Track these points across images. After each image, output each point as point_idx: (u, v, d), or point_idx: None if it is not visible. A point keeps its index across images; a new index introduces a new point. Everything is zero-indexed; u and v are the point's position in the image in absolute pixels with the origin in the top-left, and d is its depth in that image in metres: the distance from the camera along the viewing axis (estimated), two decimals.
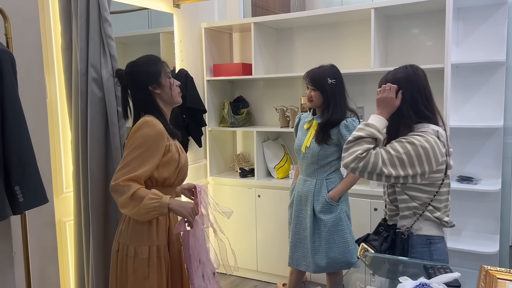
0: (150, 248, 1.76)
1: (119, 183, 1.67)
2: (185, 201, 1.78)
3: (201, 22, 3.49)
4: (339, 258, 2.42)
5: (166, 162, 1.77)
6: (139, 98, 1.85)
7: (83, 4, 2.18)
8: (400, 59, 3.09)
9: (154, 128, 1.72)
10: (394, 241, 1.74)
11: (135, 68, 1.86)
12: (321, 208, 2.43)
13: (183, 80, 3.16)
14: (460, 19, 2.94)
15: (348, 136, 2.28)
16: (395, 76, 1.72)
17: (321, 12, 3.08)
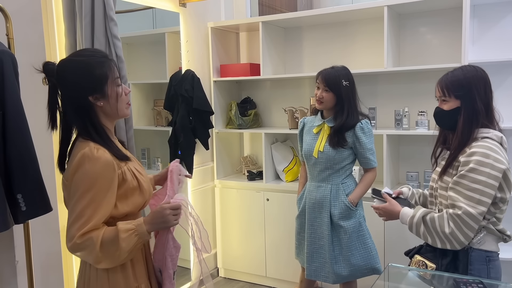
0: None
1: (76, 242, 1.29)
2: (157, 210, 1.41)
3: (207, 21, 3.41)
4: (362, 265, 2.34)
5: (123, 195, 1.40)
6: (72, 111, 1.39)
7: (88, 3, 2.11)
8: (413, 59, 3.01)
9: (98, 162, 1.33)
10: (457, 255, 1.64)
11: (73, 68, 1.39)
12: (340, 214, 2.35)
13: (190, 80, 3.08)
14: (475, 16, 2.85)
15: (366, 140, 2.26)
16: (466, 75, 1.66)
17: (331, 10, 2.99)
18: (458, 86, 1.66)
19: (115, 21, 2.13)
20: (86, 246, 1.29)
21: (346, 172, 2.40)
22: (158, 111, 3.25)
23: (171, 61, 3.22)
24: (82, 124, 1.39)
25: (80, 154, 1.33)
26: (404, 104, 2.94)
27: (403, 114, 2.81)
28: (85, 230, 1.29)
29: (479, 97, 1.64)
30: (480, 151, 1.56)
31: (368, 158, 2.35)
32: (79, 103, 1.38)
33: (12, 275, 1.97)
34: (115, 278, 1.40)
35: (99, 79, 1.37)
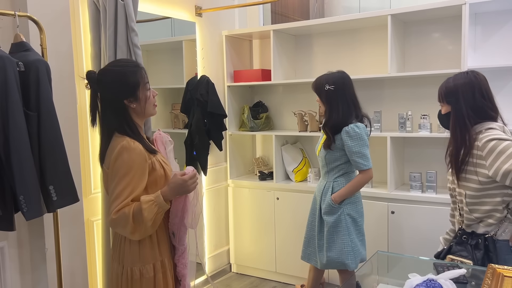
0: (155, 266, 1.71)
1: (113, 218, 1.58)
2: (177, 181, 1.65)
3: (222, 29, 3.61)
4: (335, 258, 2.49)
5: (153, 181, 1.68)
6: (110, 111, 1.68)
7: (112, 15, 2.31)
8: (418, 64, 3.14)
9: (134, 152, 1.61)
10: (488, 247, 1.73)
11: (111, 77, 1.67)
12: (325, 209, 2.52)
13: (205, 85, 3.27)
14: (477, 24, 2.96)
15: (350, 143, 2.35)
16: (456, 82, 1.86)
17: (338, 19, 3.15)
18: (448, 93, 1.86)
19: (136, 32, 2.33)
20: (121, 220, 1.57)
21: (340, 171, 2.51)
22: (175, 114, 3.45)
23: (188, 67, 3.43)
24: (119, 122, 1.66)
25: (119, 146, 1.61)
26: (408, 107, 3.07)
27: (407, 117, 2.94)
28: (120, 207, 1.57)
29: (466, 102, 1.81)
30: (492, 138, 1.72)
31: (355, 161, 2.42)
32: (116, 105, 1.66)
33: (42, 261, 2.18)
34: (144, 251, 1.68)
35: (133, 86, 1.66)
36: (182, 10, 3.25)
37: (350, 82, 2.50)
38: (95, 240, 2.59)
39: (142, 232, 1.61)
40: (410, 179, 2.96)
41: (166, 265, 1.75)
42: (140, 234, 1.62)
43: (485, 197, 1.76)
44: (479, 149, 1.75)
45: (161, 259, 1.73)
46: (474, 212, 1.79)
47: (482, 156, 1.73)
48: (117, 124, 1.67)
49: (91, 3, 2.39)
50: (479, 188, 1.75)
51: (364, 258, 2.55)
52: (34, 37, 2.03)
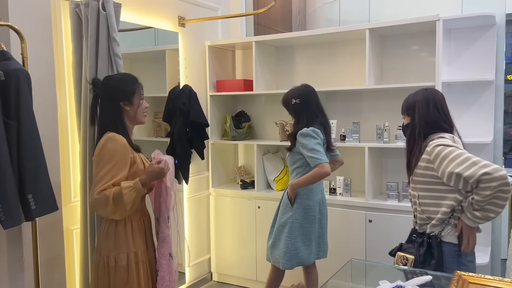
0: (128, 255, 1.93)
1: (94, 197, 1.82)
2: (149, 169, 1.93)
3: (205, 40, 3.66)
4: (275, 254, 2.71)
5: (133, 173, 1.93)
6: (108, 110, 1.99)
7: (94, 25, 2.34)
8: (395, 77, 3.23)
9: (118, 142, 1.88)
10: (430, 245, 1.92)
11: (113, 82, 2.03)
12: (282, 206, 2.73)
13: (187, 95, 3.30)
14: (452, 39, 3.07)
15: (304, 142, 2.57)
16: (415, 98, 2.09)
17: (319, 32, 3.23)
18: (408, 106, 2.11)
19: (117, 42, 2.36)
20: (102, 200, 1.80)
21: (299, 174, 2.67)
22: (158, 123, 3.47)
23: (171, 76, 3.46)
24: (113, 121, 1.96)
25: (105, 137, 1.90)
26: (385, 119, 3.16)
27: (384, 128, 3.02)
28: (102, 188, 1.81)
29: (420, 114, 2.04)
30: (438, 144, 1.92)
31: (310, 157, 2.55)
32: (113, 106, 1.97)
33: (19, 270, 2.16)
34: (119, 241, 1.93)
35: (130, 92, 2.00)
36: (165, 20, 3.29)
37: (314, 94, 2.70)
38: (74, 249, 2.58)
39: (122, 213, 1.86)
40: (387, 189, 3.03)
41: (139, 256, 1.96)
42: (121, 214, 1.86)
43: (434, 198, 1.95)
44: (427, 154, 1.95)
45: (135, 250, 1.95)
46: (425, 212, 1.98)
47: (430, 160, 1.93)
48: (111, 122, 1.95)
49: (74, 12, 2.42)
50: (429, 188, 1.95)
51: (305, 262, 2.70)
52: (15, 46, 2.04)
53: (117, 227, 1.94)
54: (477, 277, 1.42)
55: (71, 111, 2.53)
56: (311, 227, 2.69)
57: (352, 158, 3.40)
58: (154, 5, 3.17)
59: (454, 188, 1.89)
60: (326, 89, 3.27)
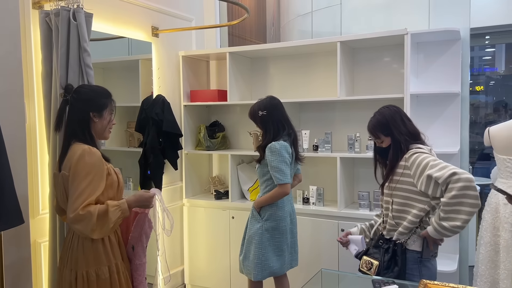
0: (110, 268, 1.91)
1: (78, 213, 1.77)
2: (139, 193, 1.98)
3: (179, 50, 3.66)
4: (247, 266, 2.73)
5: (109, 184, 1.92)
6: (77, 117, 1.94)
7: (64, 35, 2.31)
8: (366, 89, 3.30)
9: (95, 156, 1.86)
10: (395, 252, 1.96)
11: (87, 91, 2.01)
12: (250, 219, 2.77)
13: (160, 105, 3.29)
14: (420, 52, 3.17)
15: (271, 158, 2.60)
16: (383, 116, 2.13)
17: (292, 44, 3.27)
18: (382, 128, 2.11)
19: (88, 52, 2.33)
20: (86, 216, 1.77)
21: (268, 186, 2.70)
22: (130, 133, 3.44)
23: (144, 86, 3.44)
24: (82, 131, 1.92)
25: (81, 150, 1.84)
26: (356, 129, 3.21)
27: (355, 138, 3.07)
28: (86, 203, 1.77)
29: (399, 130, 2.07)
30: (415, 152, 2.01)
31: (273, 175, 2.60)
32: (83, 115, 1.94)
33: None
34: (99, 255, 1.89)
35: (102, 104, 1.98)
36: (139, 30, 3.28)
37: (279, 105, 2.73)
38: (42, 263, 2.52)
39: (102, 232, 1.82)
40: (359, 198, 3.08)
41: (119, 267, 1.95)
42: (99, 234, 1.82)
43: (406, 206, 2.00)
44: (405, 160, 2.01)
45: (115, 262, 1.94)
46: (395, 219, 2.03)
47: (407, 166, 1.99)
48: (80, 132, 1.92)
49: (43, 22, 2.38)
50: (403, 196, 2.00)
51: (276, 273, 2.71)
52: None
53: (94, 241, 1.89)
54: (441, 285, 1.46)
55: (40, 121, 2.48)
56: (283, 237, 2.70)
57: (324, 168, 3.44)
58: (127, 15, 3.16)
59: (424, 199, 1.95)
60: (299, 100, 3.32)
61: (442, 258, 3.02)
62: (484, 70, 6.49)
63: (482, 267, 2.87)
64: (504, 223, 2.76)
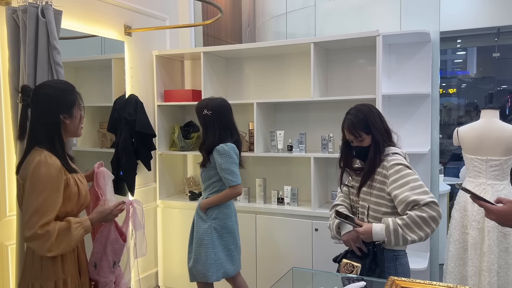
0: (56, 283, 1.74)
1: (37, 232, 1.62)
2: (100, 209, 1.86)
3: (152, 49, 3.62)
4: (199, 270, 2.64)
5: (67, 197, 1.75)
6: (43, 123, 1.76)
7: (32, 32, 2.25)
8: (339, 90, 3.34)
9: (52, 167, 1.69)
10: (376, 254, 1.92)
11: (50, 91, 1.80)
12: (197, 220, 2.70)
13: (133, 104, 3.25)
14: (392, 53, 3.23)
15: (220, 161, 2.58)
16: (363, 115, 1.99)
17: (266, 44, 3.29)
18: (363, 125, 1.99)
19: (58, 50, 2.28)
20: (44, 235, 1.63)
21: (214, 188, 2.68)
22: (103, 133, 3.38)
23: (117, 86, 3.39)
24: (48, 136, 1.75)
25: (37, 160, 1.68)
26: (330, 130, 3.25)
27: (329, 139, 3.10)
28: (45, 221, 1.64)
29: (377, 129, 1.99)
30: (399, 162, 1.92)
31: (224, 177, 2.61)
32: (51, 119, 1.76)
33: None
34: (46, 268, 1.73)
35: (70, 103, 1.80)
36: (111, 29, 3.23)
37: (228, 109, 2.71)
38: (9, 266, 2.45)
39: (59, 250, 1.67)
40: (332, 198, 3.11)
41: (68, 284, 1.76)
42: (56, 252, 1.67)
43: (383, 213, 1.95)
44: (385, 168, 1.95)
45: (64, 277, 1.75)
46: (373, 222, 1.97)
47: (386, 175, 1.93)
48: (45, 137, 1.74)
49: (10, 18, 2.32)
50: (380, 203, 1.96)
51: (229, 273, 2.69)
52: None
53: None
54: (409, 281, 1.49)
55: (7, 121, 2.42)
56: (230, 236, 2.69)
57: (298, 168, 3.46)
58: (99, 13, 3.11)
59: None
60: (274, 100, 3.33)
61: (413, 256, 3.08)
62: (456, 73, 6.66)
63: (451, 264, 2.95)
64: (472, 221, 2.84)
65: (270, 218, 3.23)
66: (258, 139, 3.30)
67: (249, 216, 3.30)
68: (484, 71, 6.52)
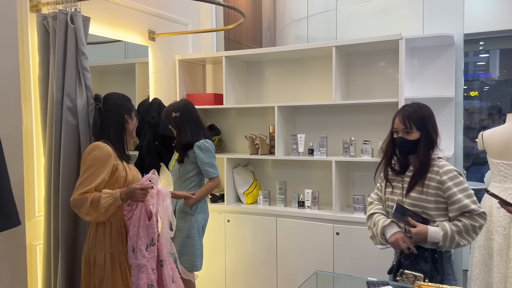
0: (105, 255, 2.09)
1: (75, 198, 2.03)
2: (131, 187, 2.07)
3: (175, 54, 3.68)
4: (187, 261, 2.79)
5: (115, 179, 2.13)
6: (113, 121, 2.21)
7: (61, 38, 2.32)
8: (361, 93, 3.33)
9: (102, 150, 2.09)
10: (435, 260, 1.92)
11: (118, 97, 2.29)
12: (178, 216, 2.83)
13: (156, 108, 3.30)
14: (414, 57, 3.21)
15: (202, 155, 2.82)
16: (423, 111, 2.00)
17: (287, 48, 3.30)
18: (420, 120, 1.99)
19: (86, 55, 2.34)
20: (81, 201, 2.01)
21: (192, 182, 2.89)
22: None
23: (140, 90, 3.45)
24: (115, 132, 2.20)
25: (92, 144, 2.13)
26: (351, 133, 3.24)
27: (350, 142, 3.10)
28: (83, 191, 2.02)
29: (433, 128, 2.00)
30: (451, 168, 1.96)
31: (206, 170, 2.83)
32: (118, 118, 2.23)
33: None
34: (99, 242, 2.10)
35: (130, 107, 2.30)
36: (135, 34, 3.30)
37: (193, 108, 2.94)
38: (37, 265, 2.51)
39: (94, 216, 2.01)
40: (354, 202, 3.10)
41: (116, 257, 2.11)
42: (92, 217, 2.02)
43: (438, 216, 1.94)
44: (438, 174, 1.95)
45: (111, 251, 2.10)
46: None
47: (441, 181, 1.93)
48: (113, 133, 2.19)
49: (41, 25, 2.39)
50: (437, 207, 1.94)
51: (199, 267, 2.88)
52: None
53: (98, 229, 2.11)
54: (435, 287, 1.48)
55: (37, 124, 2.49)
56: (203, 232, 2.91)
57: (319, 172, 3.46)
58: (124, 18, 3.18)
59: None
60: (295, 104, 3.34)
61: None
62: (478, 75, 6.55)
63: (476, 271, 2.90)
64: (497, 226, 2.79)
65: (290, 221, 3.24)
66: (279, 143, 3.32)
67: (269, 219, 3.31)
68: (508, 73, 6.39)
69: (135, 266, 2.12)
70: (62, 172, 2.31)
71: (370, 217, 2.14)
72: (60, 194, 2.31)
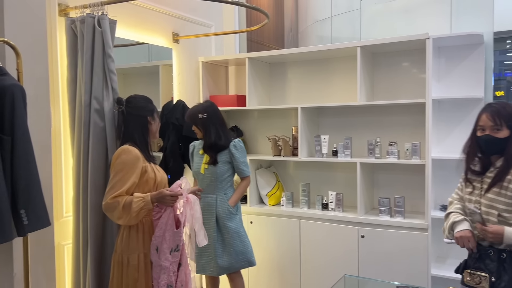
0: (139, 256, 2.14)
1: (107, 202, 2.07)
2: (161, 191, 2.13)
3: (198, 56, 3.69)
4: (241, 259, 2.86)
5: (145, 181, 2.17)
6: (137, 123, 2.24)
7: (89, 41, 2.36)
8: (386, 94, 3.28)
9: (131, 154, 2.12)
10: (504, 260, 1.85)
11: (139, 99, 2.31)
12: (226, 217, 2.85)
13: (180, 110, 3.32)
14: (441, 56, 3.14)
15: (238, 155, 2.85)
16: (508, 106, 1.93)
17: (311, 49, 3.28)
18: (510, 118, 1.91)
19: (112, 58, 2.38)
20: (113, 205, 2.06)
21: (228, 183, 2.91)
22: None
23: (164, 91, 3.48)
24: (138, 134, 2.22)
25: (120, 148, 2.16)
26: (376, 135, 3.19)
27: (375, 144, 3.05)
28: (115, 195, 2.06)
29: None
30: None
31: (241, 169, 2.89)
32: (141, 120, 2.25)
33: (9, 286, 2.14)
34: (132, 242, 2.14)
35: (152, 109, 2.31)
36: (160, 36, 3.32)
37: (218, 109, 2.94)
38: (65, 265, 2.56)
39: (126, 220, 2.06)
40: (379, 204, 3.05)
41: (148, 257, 2.15)
42: (124, 221, 2.07)
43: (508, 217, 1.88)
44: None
45: (145, 252, 2.15)
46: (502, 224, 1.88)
47: None
48: (137, 135, 2.21)
49: (69, 28, 2.44)
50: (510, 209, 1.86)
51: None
52: (11, 61, 2.05)
53: (131, 230, 2.15)
54: None
55: (65, 126, 2.53)
56: None
57: (343, 174, 3.42)
58: (149, 21, 3.21)
59: None
60: (318, 105, 3.31)
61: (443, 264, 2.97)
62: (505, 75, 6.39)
63: None
64: None
65: (314, 223, 3.21)
66: (302, 144, 3.30)
67: (293, 221, 3.29)
68: None
69: (157, 265, 2.15)
70: (91, 174, 2.34)
71: (447, 216, 2.10)
72: (89, 195, 2.35)
